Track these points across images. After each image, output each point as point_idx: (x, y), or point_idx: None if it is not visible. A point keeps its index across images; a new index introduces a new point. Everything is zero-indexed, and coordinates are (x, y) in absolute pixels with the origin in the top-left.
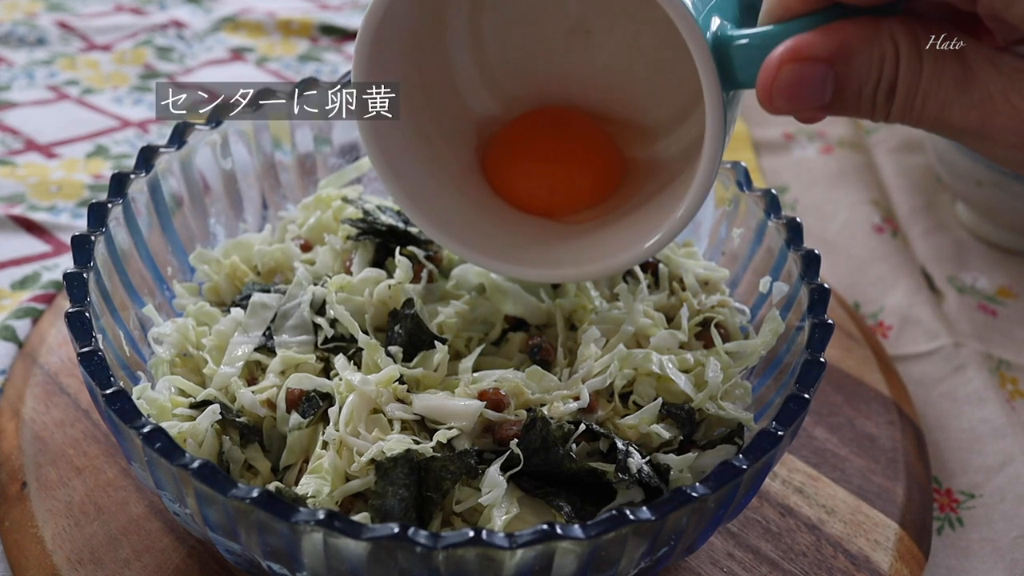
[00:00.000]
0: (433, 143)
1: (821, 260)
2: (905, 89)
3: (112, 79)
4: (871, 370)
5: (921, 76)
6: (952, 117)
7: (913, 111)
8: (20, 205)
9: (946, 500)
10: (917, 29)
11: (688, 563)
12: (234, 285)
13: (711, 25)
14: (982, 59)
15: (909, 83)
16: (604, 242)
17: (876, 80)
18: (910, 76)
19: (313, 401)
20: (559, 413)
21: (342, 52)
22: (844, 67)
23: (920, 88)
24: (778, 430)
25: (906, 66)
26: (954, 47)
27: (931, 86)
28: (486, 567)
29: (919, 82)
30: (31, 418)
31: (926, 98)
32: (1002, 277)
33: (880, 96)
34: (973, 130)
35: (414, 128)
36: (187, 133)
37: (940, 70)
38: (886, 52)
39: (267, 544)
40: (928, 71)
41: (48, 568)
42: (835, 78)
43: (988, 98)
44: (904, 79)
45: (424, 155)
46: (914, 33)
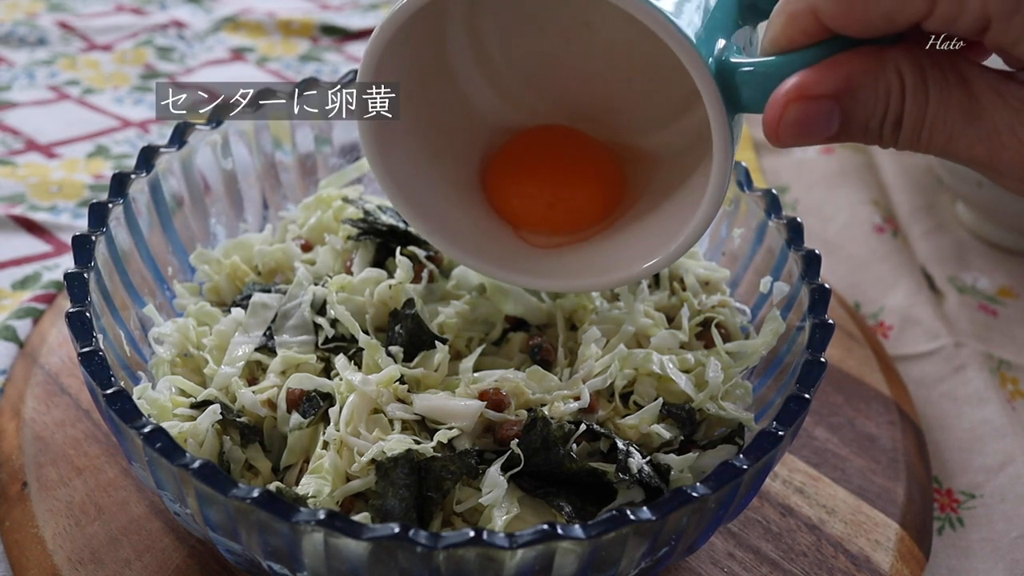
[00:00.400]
0: (440, 154)
1: (822, 260)
2: (911, 122)
3: (113, 79)
4: (871, 370)
5: (927, 109)
6: (959, 149)
7: (920, 142)
8: (20, 205)
9: (946, 500)
10: (922, 59)
11: (688, 563)
12: (234, 285)
13: (714, 48)
14: (988, 90)
15: (915, 116)
16: (612, 253)
17: (883, 114)
18: (916, 109)
19: (313, 401)
20: (559, 413)
21: (342, 52)
22: (850, 102)
23: (927, 121)
24: (778, 430)
25: (912, 99)
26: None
27: (937, 119)
28: (486, 567)
29: (925, 115)
30: (32, 418)
31: (932, 130)
32: (1002, 277)
33: (887, 128)
34: (980, 162)
35: (419, 139)
36: (187, 133)
37: (946, 102)
38: (891, 86)
39: (267, 544)
40: (934, 104)
41: (48, 568)
42: (841, 112)
43: (995, 132)
44: (910, 112)
45: (429, 166)
46: (919, 64)
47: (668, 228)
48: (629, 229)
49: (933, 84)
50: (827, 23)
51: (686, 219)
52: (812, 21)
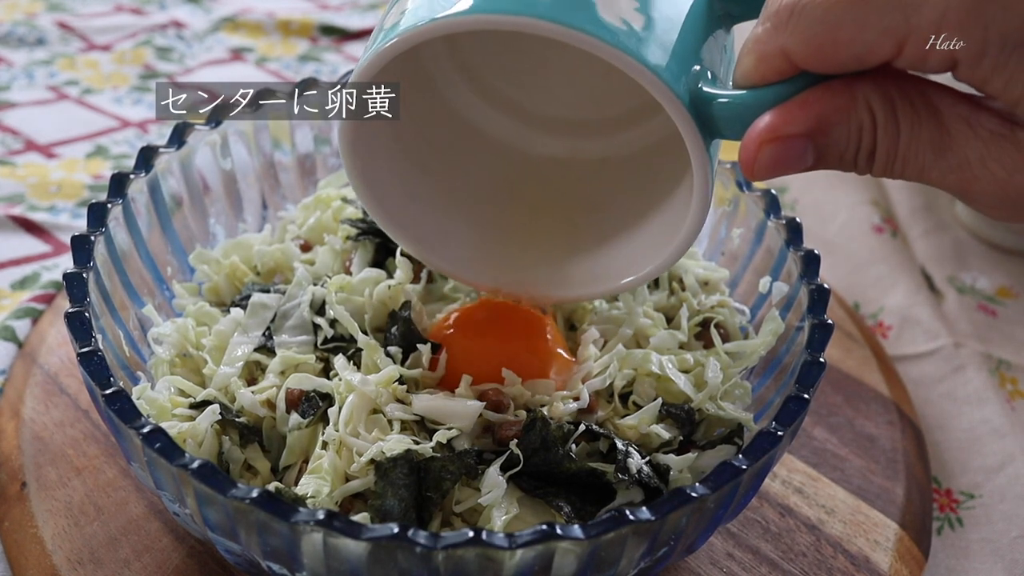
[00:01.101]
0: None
1: (821, 260)
2: (884, 154)
3: (112, 79)
4: (871, 370)
5: (899, 142)
6: (932, 178)
7: (894, 172)
8: (20, 205)
9: (946, 500)
10: (892, 93)
11: (688, 563)
12: (234, 285)
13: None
14: (959, 121)
15: (887, 149)
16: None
17: (856, 148)
18: (888, 142)
19: (313, 401)
20: (559, 413)
21: (342, 52)
22: (823, 139)
23: (899, 154)
24: (778, 430)
25: (883, 133)
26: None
27: (909, 152)
28: (486, 567)
29: (897, 148)
30: (31, 418)
31: (905, 162)
32: (1002, 277)
33: (861, 159)
34: (953, 191)
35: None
36: (187, 133)
37: (917, 136)
38: (863, 122)
39: (267, 544)
40: (905, 137)
41: (48, 568)
42: (815, 148)
43: (966, 163)
44: (882, 145)
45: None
46: (890, 98)
47: (654, 239)
48: (616, 237)
49: (904, 118)
50: (798, 63)
51: (670, 234)
52: (783, 61)
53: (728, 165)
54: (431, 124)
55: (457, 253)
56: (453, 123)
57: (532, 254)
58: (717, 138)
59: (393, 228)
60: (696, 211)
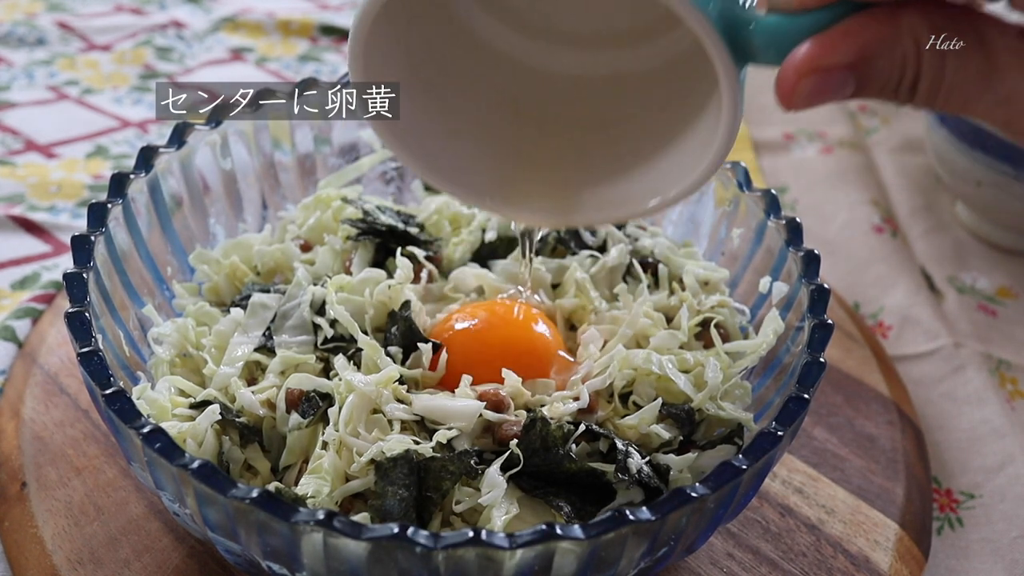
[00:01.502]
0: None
1: (821, 260)
2: (927, 86)
3: (112, 79)
4: (871, 370)
5: (944, 74)
6: (976, 111)
7: (936, 104)
8: (20, 205)
9: (946, 500)
10: (939, 22)
11: (688, 563)
12: (234, 285)
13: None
14: (1007, 52)
15: (931, 81)
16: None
17: (898, 79)
18: (932, 74)
19: (313, 401)
20: (559, 413)
21: (342, 52)
22: (865, 70)
23: (943, 86)
24: (778, 430)
25: (928, 65)
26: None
27: (954, 84)
28: (486, 567)
29: (942, 80)
30: (31, 418)
31: (949, 95)
32: (1002, 277)
33: (902, 91)
34: (999, 125)
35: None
36: (187, 133)
37: (963, 67)
38: (907, 53)
39: (267, 544)
40: (951, 69)
41: (48, 568)
42: (856, 79)
43: (1013, 96)
44: (926, 78)
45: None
46: (936, 27)
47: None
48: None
49: (950, 49)
50: None
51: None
52: None
53: (728, 165)
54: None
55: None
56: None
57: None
58: (749, 63)
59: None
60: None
